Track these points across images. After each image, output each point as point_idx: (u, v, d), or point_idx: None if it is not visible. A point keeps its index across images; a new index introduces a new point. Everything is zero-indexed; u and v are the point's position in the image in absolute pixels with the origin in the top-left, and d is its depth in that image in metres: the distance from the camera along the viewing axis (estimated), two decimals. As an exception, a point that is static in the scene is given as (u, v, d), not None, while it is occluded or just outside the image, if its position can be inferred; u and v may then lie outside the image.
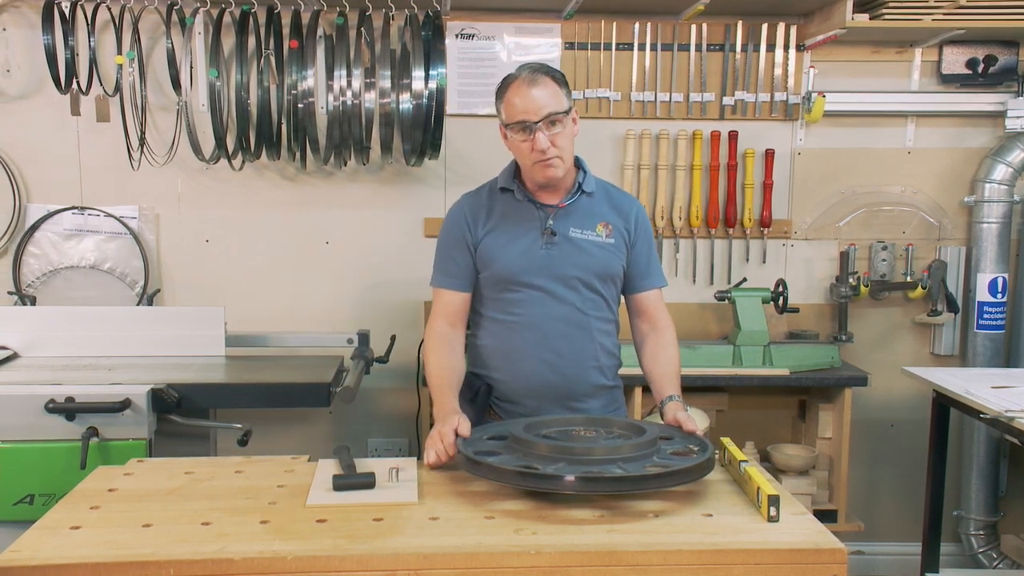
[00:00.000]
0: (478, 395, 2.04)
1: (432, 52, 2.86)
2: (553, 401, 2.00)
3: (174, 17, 2.93)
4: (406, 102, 2.85)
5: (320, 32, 2.91)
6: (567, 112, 1.91)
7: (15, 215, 3.07)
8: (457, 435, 1.74)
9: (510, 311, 2.00)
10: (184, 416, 2.42)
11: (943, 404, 2.82)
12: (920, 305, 3.32)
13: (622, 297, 2.13)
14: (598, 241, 2.01)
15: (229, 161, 2.95)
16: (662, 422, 1.91)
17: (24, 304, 3.03)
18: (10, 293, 3.07)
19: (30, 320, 2.81)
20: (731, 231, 3.25)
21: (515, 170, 2.05)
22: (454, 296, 2.05)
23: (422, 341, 3.03)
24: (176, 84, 2.96)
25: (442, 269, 2.07)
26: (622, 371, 2.15)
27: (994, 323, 3.22)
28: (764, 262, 3.28)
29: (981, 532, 3.32)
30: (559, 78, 1.93)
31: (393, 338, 2.98)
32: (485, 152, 3.13)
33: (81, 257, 3.11)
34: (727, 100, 3.19)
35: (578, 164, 2.06)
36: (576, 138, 1.99)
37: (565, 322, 1.99)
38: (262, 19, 2.90)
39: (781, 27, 3.14)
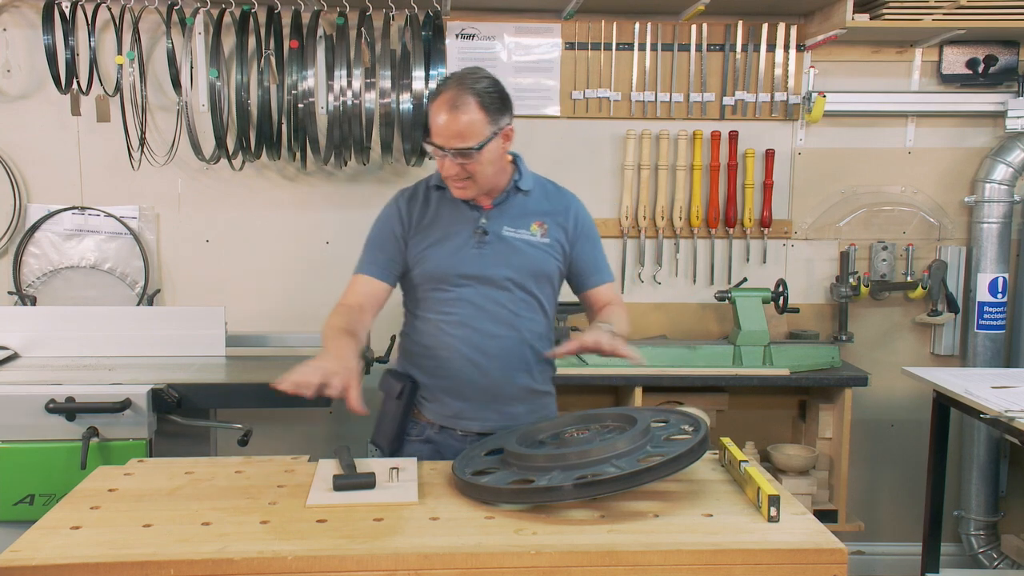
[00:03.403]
0: (404, 393, 2.00)
1: (432, 52, 2.86)
2: (479, 402, 1.97)
3: (174, 17, 2.93)
4: (406, 102, 2.85)
5: (320, 32, 2.91)
6: (481, 147, 1.83)
7: (15, 215, 3.07)
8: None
9: (440, 310, 1.97)
10: (184, 416, 2.42)
11: (943, 404, 2.82)
12: (920, 305, 3.32)
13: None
14: (532, 240, 1.98)
15: (229, 161, 2.95)
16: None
17: (24, 304, 3.03)
18: (10, 293, 3.07)
19: (30, 320, 2.81)
20: (731, 231, 3.25)
21: None
22: (371, 282, 2.01)
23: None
24: (176, 84, 2.96)
25: (367, 258, 2.04)
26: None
27: (994, 323, 3.22)
28: (764, 262, 3.28)
29: (981, 532, 3.32)
30: (487, 102, 1.83)
31: (393, 338, 2.97)
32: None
33: (81, 257, 3.11)
34: (727, 100, 3.19)
35: (515, 162, 2.03)
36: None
37: (494, 322, 1.95)
38: (262, 19, 2.90)
39: (781, 27, 3.14)
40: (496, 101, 1.86)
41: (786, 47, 3.16)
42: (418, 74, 2.83)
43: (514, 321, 1.97)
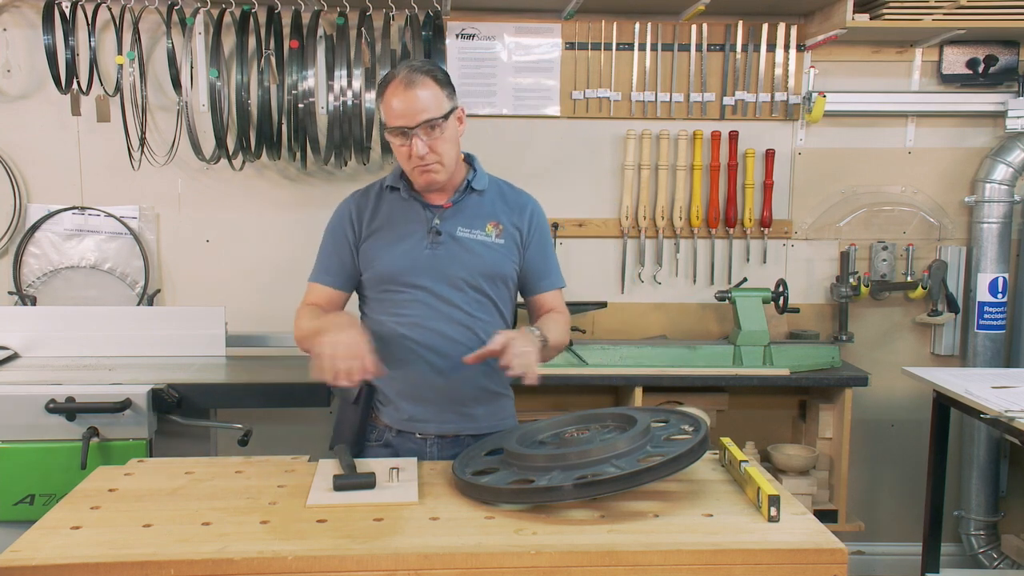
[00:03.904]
0: (360, 397, 1.97)
1: (432, 52, 2.86)
2: (438, 405, 1.95)
3: (174, 17, 2.93)
4: (406, 102, 2.85)
5: (320, 32, 2.91)
6: (446, 117, 1.83)
7: (15, 215, 3.07)
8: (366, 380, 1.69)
9: (394, 312, 1.95)
10: (184, 416, 2.42)
11: (943, 404, 2.82)
12: (920, 305, 3.32)
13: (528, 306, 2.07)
14: (487, 241, 1.95)
15: (229, 161, 2.95)
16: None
17: (24, 304, 3.03)
18: (10, 293, 3.07)
19: (30, 320, 2.81)
20: (731, 231, 3.25)
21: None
22: (324, 290, 2.00)
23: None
24: (176, 84, 2.96)
25: (321, 266, 2.02)
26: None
27: (994, 323, 3.22)
28: (764, 262, 3.28)
29: (981, 532, 3.32)
30: (440, 78, 1.85)
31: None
32: (484, 152, 3.09)
33: (81, 257, 3.11)
34: (727, 100, 3.19)
35: (469, 161, 2.02)
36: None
37: (450, 323, 1.92)
38: (262, 19, 2.91)
39: (781, 27, 3.15)
40: (446, 78, 1.88)
41: (786, 47, 3.16)
42: (418, 74, 2.83)
43: (469, 322, 1.94)
